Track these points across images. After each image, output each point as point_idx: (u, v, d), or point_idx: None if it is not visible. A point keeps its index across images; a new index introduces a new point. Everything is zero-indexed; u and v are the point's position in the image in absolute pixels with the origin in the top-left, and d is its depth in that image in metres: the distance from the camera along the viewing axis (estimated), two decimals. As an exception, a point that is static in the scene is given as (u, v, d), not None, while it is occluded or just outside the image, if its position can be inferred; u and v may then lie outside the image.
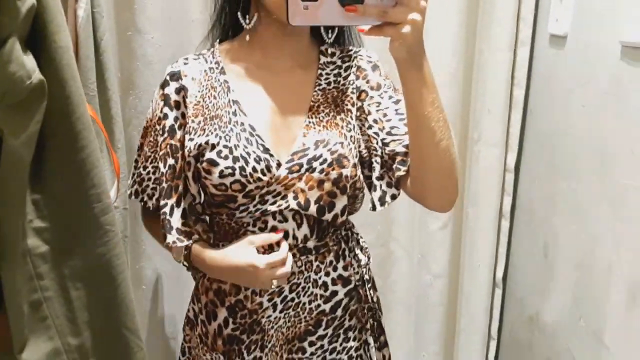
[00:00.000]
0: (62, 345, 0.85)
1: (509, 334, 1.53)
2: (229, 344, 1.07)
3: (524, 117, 1.42)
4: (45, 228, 0.82)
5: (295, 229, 1.02)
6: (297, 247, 1.03)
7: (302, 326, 1.07)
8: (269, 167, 0.98)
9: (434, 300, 1.60)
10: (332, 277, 1.06)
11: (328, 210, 1.01)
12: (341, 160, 1.00)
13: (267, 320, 1.05)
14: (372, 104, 1.05)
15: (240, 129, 1.00)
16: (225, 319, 1.06)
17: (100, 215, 0.85)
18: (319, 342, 1.08)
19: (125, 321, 0.89)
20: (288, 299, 1.04)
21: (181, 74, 1.04)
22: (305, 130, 1.01)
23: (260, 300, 1.04)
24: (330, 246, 1.06)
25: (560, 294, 1.24)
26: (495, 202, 1.49)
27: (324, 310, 1.07)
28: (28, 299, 0.81)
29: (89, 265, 0.85)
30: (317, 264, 1.05)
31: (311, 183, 0.99)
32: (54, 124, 0.78)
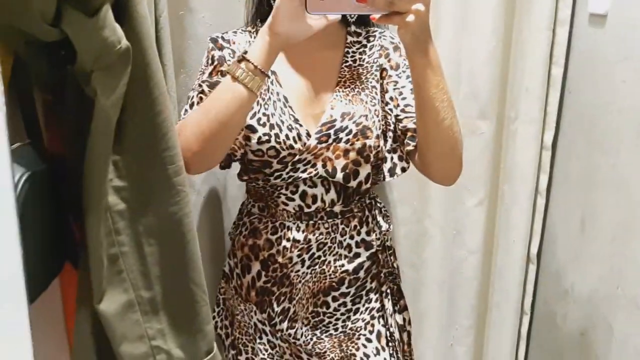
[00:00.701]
0: (135, 297, 0.92)
1: (543, 308, 1.57)
2: (261, 295, 1.18)
3: (561, 96, 1.45)
4: (124, 187, 0.88)
5: (323, 193, 1.12)
6: (324, 211, 1.14)
7: (327, 282, 1.17)
8: (299, 136, 1.08)
9: (467, 275, 1.64)
10: (356, 241, 1.16)
11: (353, 177, 1.11)
12: (365, 132, 1.09)
13: (295, 275, 1.15)
14: (390, 82, 1.14)
15: (276, 98, 1.10)
16: (258, 272, 1.17)
17: (173, 175, 0.91)
18: (342, 298, 1.18)
19: (193, 276, 0.95)
20: (315, 256, 1.14)
21: (230, 41, 1.14)
22: (332, 103, 1.10)
23: (290, 255, 1.14)
24: (355, 212, 1.16)
25: (597, 265, 1.27)
26: (532, 180, 1.52)
27: (347, 270, 1.17)
28: (107, 253, 0.88)
29: (162, 223, 0.91)
30: (342, 227, 1.15)
31: (338, 152, 1.09)
32: (135, 89, 0.83)
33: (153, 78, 0.86)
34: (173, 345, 0.95)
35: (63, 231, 0.93)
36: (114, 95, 0.78)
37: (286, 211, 1.14)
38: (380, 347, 1.21)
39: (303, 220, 1.13)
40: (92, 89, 0.77)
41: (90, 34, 0.73)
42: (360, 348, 1.20)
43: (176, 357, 0.95)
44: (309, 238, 1.13)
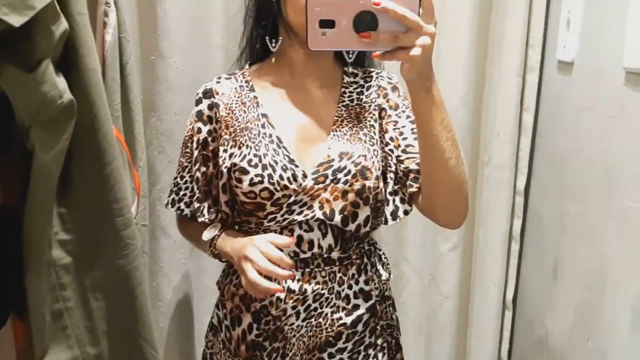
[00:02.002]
0: (80, 354, 0.89)
1: (520, 357, 1.53)
2: (251, 349, 1.11)
3: (533, 141, 1.45)
4: (70, 240, 0.87)
5: (320, 238, 1.07)
6: (321, 257, 1.08)
7: (323, 337, 1.10)
8: (295, 177, 1.04)
9: (444, 321, 1.61)
10: (354, 291, 1.10)
11: (352, 220, 1.07)
12: (364, 172, 1.05)
13: (289, 328, 1.09)
14: (390, 123, 1.11)
15: (269, 140, 1.07)
16: (249, 324, 1.11)
17: (121, 229, 0.89)
18: (338, 355, 1.11)
19: (142, 332, 0.93)
20: (311, 308, 1.08)
21: (213, 92, 1.13)
22: (330, 143, 1.07)
23: (284, 307, 1.08)
24: (354, 259, 1.11)
25: (569, 315, 1.25)
26: (505, 224, 1.51)
27: (345, 323, 1.10)
28: (50, 309, 0.86)
29: (109, 276, 0.90)
30: (340, 275, 1.09)
31: (336, 194, 1.05)
32: (81, 141, 0.83)
33: (101, 130, 0.85)
34: (121, 404, 0.92)
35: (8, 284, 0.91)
36: (54, 150, 0.77)
37: None
38: None
39: (298, 268, 1.08)
40: (31, 144, 0.76)
41: (28, 90, 0.72)
42: None
43: (124, 416, 0.92)
44: (304, 288, 1.07)
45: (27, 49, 0.72)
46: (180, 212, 1.18)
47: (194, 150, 1.14)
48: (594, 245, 1.15)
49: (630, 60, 1.01)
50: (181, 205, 1.18)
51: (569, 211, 1.27)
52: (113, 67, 1.14)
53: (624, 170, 1.05)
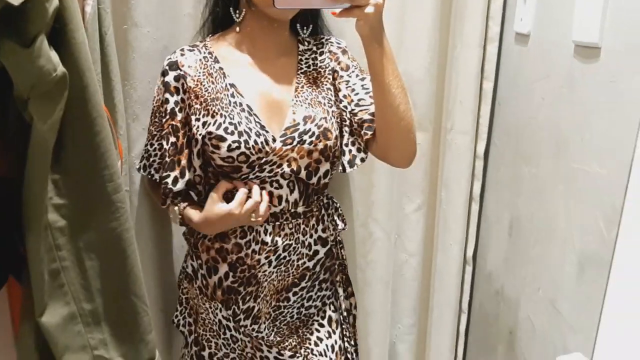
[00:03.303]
0: (77, 310, 0.96)
1: (478, 307, 1.66)
2: (227, 293, 1.24)
3: (492, 108, 1.54)
4: (64, 204, 0.92)
5: (288, 194, 1.21)
6: (289, 212, 1.22)
7: (290, 279, 1.25)
8: (266, 141, 1.16)
9: (409, 276, 1.72)
10: (314, 239, 1.25)
11: (314, 174, 1.20)
12: (326, 133, 1.19)
13: (262, 275, 1.22)
14: (342, 82, 1.25)
15: (240, 109, 1.17)
16: (226, 273, 1.23)
17: (112, 193, 0.95)
18: (301, 292, 1.28)
19: (134, 289, 1.00)
20: (281, 257, 1.22)
21: (179, 64, 1.21)
22: (294, 108, 1.19)
23: (258, 257, 1.21)
24: (314, 212, 1.25)
25: (522, 268, 1.37)
26: (466, 187, 1.61)
27: (308, 267, 1.26)
28: (48, 268, 0.91)
29: (102, 238, 0.96)
30: (303, 226, 1.23)
31: (302, 153, 1.18)
32: (73, 112, 0.87)
33: (91, 100, 0.90)
34: (115, 354, 0.99)
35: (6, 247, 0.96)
36: (51, 120, 0.82)
37: None
38: (332, 331, 1.32)
39: (270, 221, 1.20)
40: (29, 115, 0.81)
41: (25, 64, 0.77)
42: (314, 332, 1.31)
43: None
44: (276, 240, 1.21)
45: (23, 25, 0.76)
46: (150, 176, 1.28)
47: (162, 120, 1.22)
48: (545, 204, 1.26)
49: (579, 34, 1.10)
50: (151, 171, 1.27)
51: (523, 174, 1.37)
52: (93, 38, 1.17)
53: (571, 136, 1.16)
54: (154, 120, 1.26)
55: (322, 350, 1.30)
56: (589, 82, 1.09)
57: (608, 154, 1.02)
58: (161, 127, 1.23)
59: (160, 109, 1.23)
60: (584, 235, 1.09)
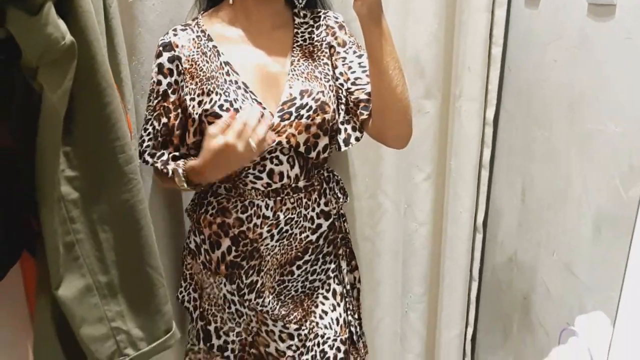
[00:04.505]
0: (93, 282, 0.95)
1: (491, 275, 1.66)
2: (231, 268, 1.24)
3: (501, 74, 1.52)
4: (76, 177, 0.91)
5: (288, 170, 1.19)
6: (290, 187, 1.21)
7: (293, 253, 1.25)
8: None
9: (418, 245, 1.72)
10: (317, 212, 1.25)
11: (313, 149, 1.19)
12: (324, 107, 1.17)
13: (265, 248, 1.22)
14: (339, 59, 1.22)
15: (235, 86, 1.15)
16: (228, 247, 1.23)
17: (124, 164, 0.94)
18: (305, 265, 1.27)
19: (149, 260, 1.00)
20: (283, 231, 1.22)
21: (172, 45, 1.20)
22: (290, 82, 1.17)
23: (260, 231, 1.21)
24: (315, 185, 1.24)
25: (536, 233, 1.36)
26: (476, 154, 1.60)
27: (311, 240, 1.26)
28: (63, 240, 0.91)
29: (116, 210, 0.95)
30: (305, 200, 1.23)
31: (300, 128, 1.16)
32: (82, 82, 0.86)
33: (99, 70, 0.89)
34: (132, 326, 1.00)
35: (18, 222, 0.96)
36: (61, 90, 0.81)
37: (255, 189, 1.20)
38: (336, 303, 1.32)
39: (271, 197, 1.19)
40: (38, 84, 0.80)
41: (33, 32, 0.75)
42: (319, 305, 1.30)
43: (136, 337, 1.00)
44: (277, 214, 1.20)
45: (30, -8, 0.74)
46: (146, 163, 1.24)
47: (154, 102, 1.21)
48: (559, 167, 1.25)
49: (593, -8, 1.08)
50: (146, 157, 1.23)
51: (535, 138, 1.36)
52: (98, 11, 1.15)
53: (585, 96, 1.14)
54: (147, 104, 1.25)
55: (327, 323, 1.30)
56: (603, 41, 1.07)
57: (624, 112, 1.01)
58: (153, 110, 1.22)
59: (153, 92, 1.22)
60: (599, 195, 1.08)
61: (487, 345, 1.70)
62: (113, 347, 0.97)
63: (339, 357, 1.30)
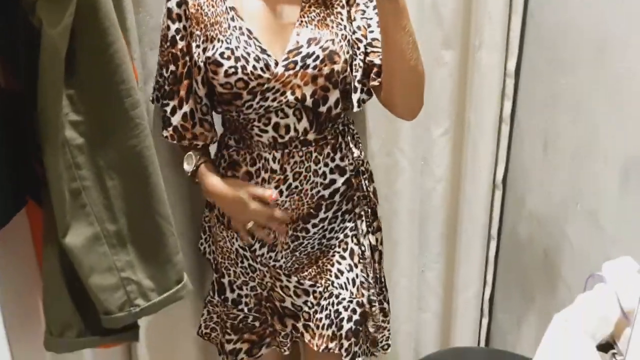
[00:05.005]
0: (101, 230, 0.93)
1: (510, 232, 1.62)
2: None
3: (523, 21, 1.46)
4: (81, 121, 0.88)
5: (295, 123, 1.14)
6: (298, 139, 1.16)
7: (305, 209, 1.21)
8: (267, 66, 1.09)
9: (435, 204, 1.68)
10: (330, 167, 1.20)
11: (322, 103, 1.13)
12: (332, 57, 1.11)
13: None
14: (358, 11, 1.15)
15: (239, 32, 1.10)
16: None
17: (130, 109, 0.91)
18: (321, 224, 1.23)
19: (158, 208, 0.97)
20: (292, 186, 1.18)
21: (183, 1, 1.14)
22: (298, 30, 1.11)
23: (268, 186, 1.18)
24: (329, 139, 1.19)
25: (559, 185, 1.31)
26: (496, 107, 1.54)
27: (323, 196, 1.21)
28: (69, 187, 0.89)
29: (122, 156, 0.92)
30: (315, 154, 1.18)
31: (306, 79, 1.10)
32: (83, 18, 0.82)
33: (102, 8, 0.85)
34: (143, 276, 0.98)
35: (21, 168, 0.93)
36: (60, 25, 0.77)
37: (261, 142, 1.16)
38: (353, 264, 1.27)
39: (278, 149, 1.16)
40: (37, 19, 0.76)
41: (29, -40, 0.71)
42: (335, 264, 1.26)
43: (146, 287, 0.98)
44: (284, 167, 1.16)
45: None
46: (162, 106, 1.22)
47: (164, 46, 1.18)
48: (585, 116, 1.20)
49: None
50: (162, 101, 1.21)
51: (559, 87, 1.30)
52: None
53: (614, 37, 1.08)
54: (160, 49, 1.21)
55: (342, 283, 1.26)
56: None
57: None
58: (163, 55, 1.19)
59: (164, 37, 1.18)
60: (628, 140, 1.03)
61: (505, 304, 1.67)
62: (123, 297, 0.96)
63: (354, 318, 1.25)
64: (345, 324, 1.24)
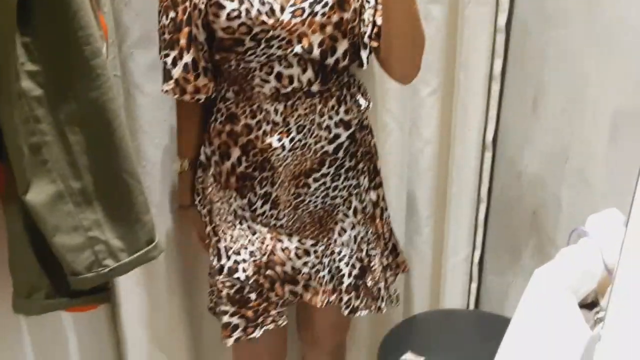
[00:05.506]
0: (64, 188, 0.89)
1: (499, 194, 1.58)
2: (241, 180, 1.18)
3: (514, -27, 1.40)
4: (38, 71, 0.84)
5: (299, 73, 1.10)
6: (302, 91, 1.11)
7: (308, 164, 1.17)
8: (273, 11, 1.04)
9: (424, 166, 1.63)
10: (335, 121, 1.15)
11: (330, 54, 1.09)
12: (343, 4, 1.06)
13: (276, 159, 1.14)
14: None
15: None
16: (238, 157, 1.16)
17: (91, 58, 0.86)
18: (322, 179, 1.19)
19: (124, 165, 0.93)
20: (295, 140, 1.13)
21: None
22: None
23: (269, 140, 1.12)
24: (333, 91, 1.14)
25: (548, 143, 1.27)
26: (486, 65, 1.49)
27: (327, 151, 1.17)
28: (27, 142, 0.84)
29: (84, 109, 0.88)
30: (320, 107, 1.13)
31: (314, 27, 1.05)
32: (34, -41, 0.77)
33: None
34: (111, 236, 0.94)
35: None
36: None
37: (263, 94, 1.12)
38: (356, 222, 1.25)
39: (281, 101, 1.11)
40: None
41: None
42: (338, 222, 1.24)
43: (115, 248, 0.95)
44: (288, 120, 1.12)
45: None
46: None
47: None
48: (574, 68, 1.15)
49: None
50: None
51: (549, 40, 1.25)
52: None
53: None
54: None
55: (344, 241, 1.25)
56: None
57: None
58: (162, 1, 1.12)
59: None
60: (619, 92, 0.99)
61: (494, 267, 1.64)
62: (91, 257, 0.92)
63: (354, 273, 1.25)
64: (346, 279, 1.24)
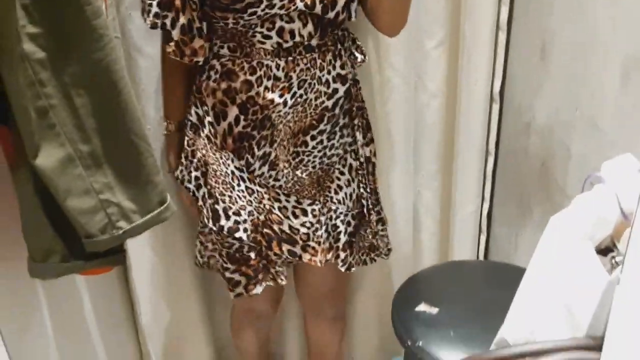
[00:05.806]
0: (74, 151, 0.88)
1: (506, 146, 1.57)
2: (239, 141, 1.16)
3: None
4: (39, 33, 0.82)
5: (300, 28, 1.09)
6: (302, 45, 1.10)
7: (307, 121, 1.16)
8: None
9: (430, 120, 1.62)
10: (333, 75, 1.15)
11: (331, 8, 1.08)
12: None
13: (277, 116, 1.13)
14: None
15: None
16: (236, 117, 1.14)
17: (92, 18, 0.84)
18: (319, 136, 1.19)
19: (132, 127, 0.92)
20: (297, 95, 1.12)
21: None
22: None
23: (272, 96, 1.11)
24: (329, 45, 1.14)
25: (557, 91, 1.26)
26: (492, 14, 1.46)
27: (327, 106, 1.16)
28: (33, 105, 0.83)
29: (88, 71, 0.86)
30: (319, 61, 1.13)
31: None
32: None
33: None
34: (123, 198, 0.94)
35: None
36: None
37: (263, 49, 1.10)
38: (351, 179, 1.27)
39: (282, 56, 1.10)
40: None
41: None
42: (335, 180, 1.26)
43: (128, 209, 0.95)
44: (290, 75, 1.11)
45: None
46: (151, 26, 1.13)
47: None
48: (584, 14, 1.12)
49: None
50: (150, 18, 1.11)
51: (558, -15, 1.22)
52: None
53: None
54: None
55: (340, 198, 1.26)
56: None
57: None
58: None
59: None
60: (629, 38, 0.97)
61: (503, 219, 1.64)
62: (104, 220, 0.92)
63: (349, 230, 1.28)
64: (342, 237, 1.26)
